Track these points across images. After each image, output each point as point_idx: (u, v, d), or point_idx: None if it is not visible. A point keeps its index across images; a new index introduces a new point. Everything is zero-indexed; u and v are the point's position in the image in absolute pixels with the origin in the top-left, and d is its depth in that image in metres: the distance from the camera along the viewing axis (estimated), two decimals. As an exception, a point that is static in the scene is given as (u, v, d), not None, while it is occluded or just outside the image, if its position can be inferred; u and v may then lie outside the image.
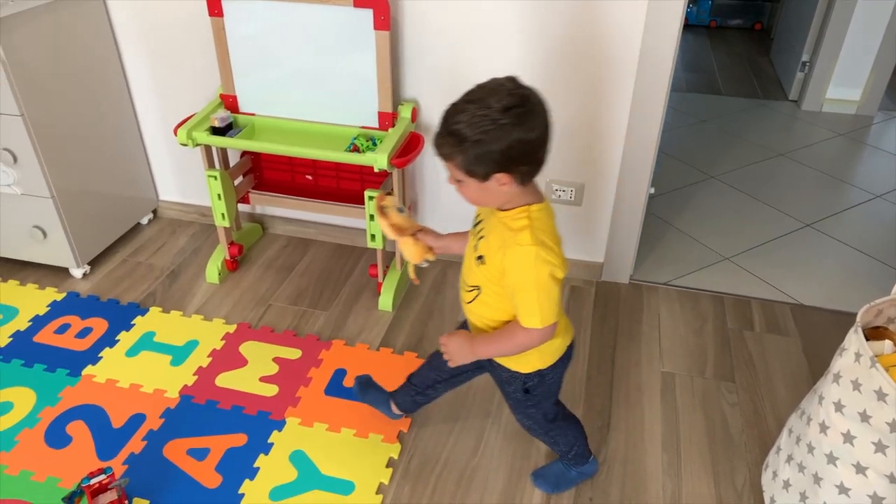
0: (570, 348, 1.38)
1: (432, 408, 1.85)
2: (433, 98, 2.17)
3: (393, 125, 2.09)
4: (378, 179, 2.25)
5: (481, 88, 1.06)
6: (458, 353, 1.32)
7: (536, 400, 1.42)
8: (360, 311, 2.24)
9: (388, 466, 1.71)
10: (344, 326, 2.17)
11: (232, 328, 2.14)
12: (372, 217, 2.10)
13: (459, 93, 1.08)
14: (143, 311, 2.20)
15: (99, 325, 2.14)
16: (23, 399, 1.88)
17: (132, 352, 2.05)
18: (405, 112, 2.12)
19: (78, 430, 1.79)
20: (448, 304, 2.27)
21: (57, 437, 1.77)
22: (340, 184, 2.37)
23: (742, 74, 4.32)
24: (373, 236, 2.15)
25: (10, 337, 2.09)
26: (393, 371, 1.97)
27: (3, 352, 2.03)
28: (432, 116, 2.20)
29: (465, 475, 1.69)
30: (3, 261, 2.41)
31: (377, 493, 1.64)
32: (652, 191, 2.24)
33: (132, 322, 2.16)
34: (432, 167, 2.30)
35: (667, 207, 2.83)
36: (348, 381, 1.95)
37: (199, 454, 1.73)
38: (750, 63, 4.52)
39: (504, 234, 1.16)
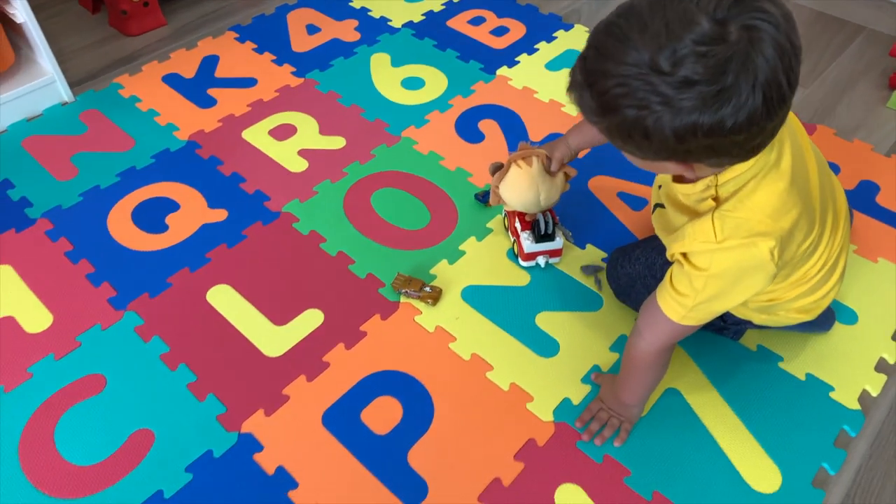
0: None
1: None
2: None
3: None
4: None
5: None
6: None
7: None
8: (857, 102, 1.55)
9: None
10: (833, 113, 1.52)
11: (676, 73, 1.62)
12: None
13: None
14: (567, 27, 1.77)
15: (516, 28, 1.77)
16: (434, 80, 1.61)
17: (553, 65, 1.65)
18: None
19: (491, 130, 1.48)
20: None
21: (468, 129, 1.48)
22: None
23: None
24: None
25: (423, 15, 1.81)
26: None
27: (416, 28, 1.77)
28: None
29: None
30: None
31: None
32: None
33: (553, 35, 1.74)
34: None
35: None
36: (845, 182, 1.34)
37: (630, 201, 1.31)
38: None
39: None
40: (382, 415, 1.01)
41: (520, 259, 1.20)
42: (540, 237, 1.15)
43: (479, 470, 0.96)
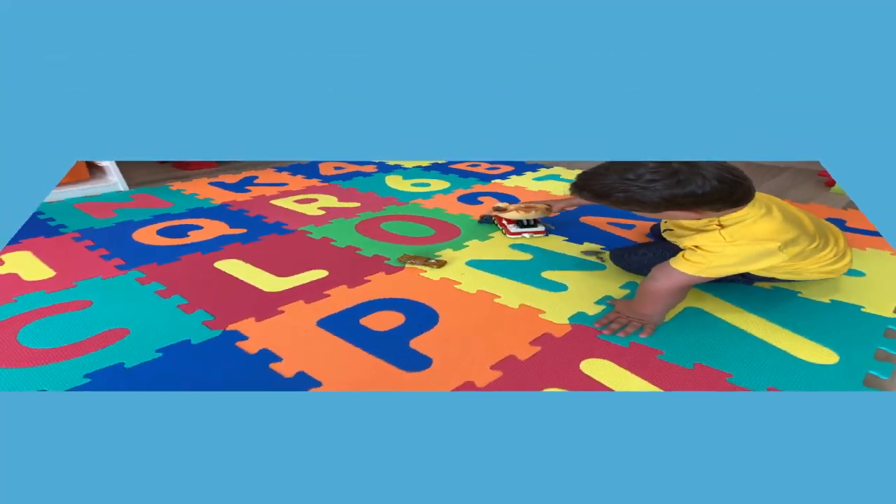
0: None
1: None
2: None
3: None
4: None
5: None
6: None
7: None
8: (804, 192, 1.60)
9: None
10: (785, 196, 1.56)
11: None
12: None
13: None
14: (548, 167, 1.92)
15: (506, 168, 1.91)
16: (439, 184, 1.68)
17: (539, 179, 1.74)
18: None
19: (489, 200, 1.50)
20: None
21: (468, 200, 1.50)
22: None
23: None
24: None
25: (429, 162, 1.98)
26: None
27: (427, 168, 1.92)
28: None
29: None
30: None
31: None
32: None
33: (537, 168, 1.88)
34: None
35: None
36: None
37: (621, 226, 1.26)
38: None
39: None
40: (383, 320, 0.82)
41: (506, 234, 1.17)
42: (522, 227, 1.14)
43: (489, 351, 0.74)
